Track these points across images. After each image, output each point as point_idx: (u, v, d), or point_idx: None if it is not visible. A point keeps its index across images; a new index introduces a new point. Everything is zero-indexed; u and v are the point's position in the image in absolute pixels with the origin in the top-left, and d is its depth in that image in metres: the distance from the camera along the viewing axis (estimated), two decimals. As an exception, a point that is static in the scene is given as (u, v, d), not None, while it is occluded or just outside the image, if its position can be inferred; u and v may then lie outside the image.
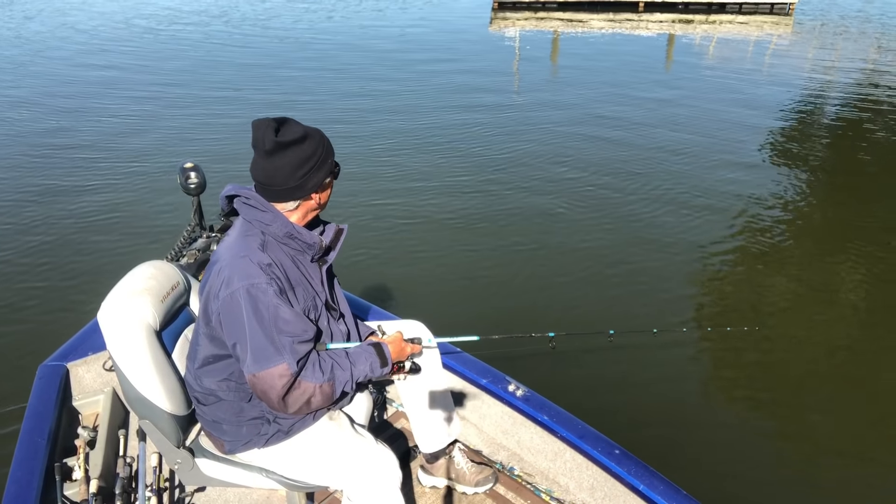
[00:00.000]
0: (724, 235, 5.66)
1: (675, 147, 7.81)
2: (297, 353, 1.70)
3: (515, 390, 2.41)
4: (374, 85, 10.59)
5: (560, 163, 7.31)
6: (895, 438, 3.53)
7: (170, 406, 1.91)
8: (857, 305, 4.70)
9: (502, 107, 9.54)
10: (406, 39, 14.76)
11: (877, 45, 14.88)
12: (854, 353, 4.19)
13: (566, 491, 2.37)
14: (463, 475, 2.38)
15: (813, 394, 3.85)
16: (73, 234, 5.59)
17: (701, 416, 3.66)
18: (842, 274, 5.10)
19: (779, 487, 3.24)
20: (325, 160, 1.76)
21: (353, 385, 1.82)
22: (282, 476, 1.98)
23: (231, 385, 1.85)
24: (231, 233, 1.83)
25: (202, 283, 1.82)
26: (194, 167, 2.83)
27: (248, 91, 10.26)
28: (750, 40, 15.27)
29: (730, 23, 17.53)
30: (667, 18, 17.90)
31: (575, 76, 11.59)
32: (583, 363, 3.85)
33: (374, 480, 1.87)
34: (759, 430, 3.58)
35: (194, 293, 2.16)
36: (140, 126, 8.43)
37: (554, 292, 4.77)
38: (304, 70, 11.70)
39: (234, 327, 1.69)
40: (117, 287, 1.95)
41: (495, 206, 6.21)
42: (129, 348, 1.87)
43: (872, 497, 3.22)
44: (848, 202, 6.51)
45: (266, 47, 13.90)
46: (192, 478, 2.05)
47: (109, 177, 6.76)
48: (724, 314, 4.52)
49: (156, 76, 11.12)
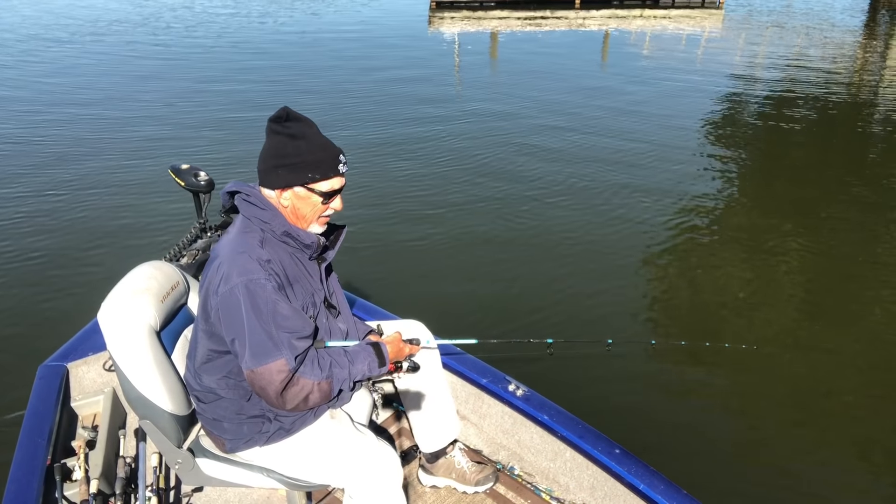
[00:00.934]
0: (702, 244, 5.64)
1: (617, 152, 7.80)
2: (296, 349, 1.70)
3: (515, 390, 2.41)
4: (304, 98, 9.74)
5: (514, 161, 7.35)
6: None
7: (170, 406, 1.91)
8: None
9: (456, 111, 9.40)
10: (346, 44, 14.14)
11: (800, 34, 15.50)
12: (846, 356, 4.18)
13: (566, 490, 2.37)
14: (463, 474, 2.38)
15: (813, 400, 3.83)
16: (73, 233, 5.58)
17: (702, 423, 3.62)
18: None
19: (779, 485, 3.24)
20: (300, 167, 1.73)
21: (350, 384, 1.82)
22: (282, 475, 1.98)
23: (230, 382, 1.85)
24: (230, 230, 1.84)
25: (201, 280, 1.82)
26: (193, 166, 2.83)
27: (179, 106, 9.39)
28: (683, 34, 15.75)
29: (664, 17, 18.05)
30: (603, 14, 18.27)
31: (515, 74, 11.53)
32: (580, 371, 3.81)
33: (376, 479, 1.87)
34: (758, 435, 3.57)
35: (194, 293, 2.16)
36: (136, 126, 8.44)
37: (552, 298, 4.72)
38: (247, 82, 10.68)
39: (232, 323, 1.69)
40: (117, 287, 1.95)
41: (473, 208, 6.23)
42: (129, 348, 1.87)
43: (873, 495, 3.22)
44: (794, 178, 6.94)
45: (194, 58, 12.81)
46: (193, 478, 2.05)
47: (109, 176, 6.77)
48: (722, 329, 4.41)
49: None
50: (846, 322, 4.50)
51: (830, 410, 3.69)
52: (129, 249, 5.27)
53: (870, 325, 4.46)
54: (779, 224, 5.89)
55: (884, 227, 5.93)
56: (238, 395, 1.87)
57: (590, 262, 5.21)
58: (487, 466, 2.43)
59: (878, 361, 4.05)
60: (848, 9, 19.75)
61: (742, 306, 4.63)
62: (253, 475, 2.00)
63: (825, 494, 3.22)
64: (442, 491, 2.42)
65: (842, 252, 5.38)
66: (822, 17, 18.52)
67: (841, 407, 3.73)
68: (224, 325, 1.71)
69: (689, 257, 5.33)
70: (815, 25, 17.14)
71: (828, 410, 3.69)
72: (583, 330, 4.24)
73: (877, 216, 6.08)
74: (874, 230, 5.85)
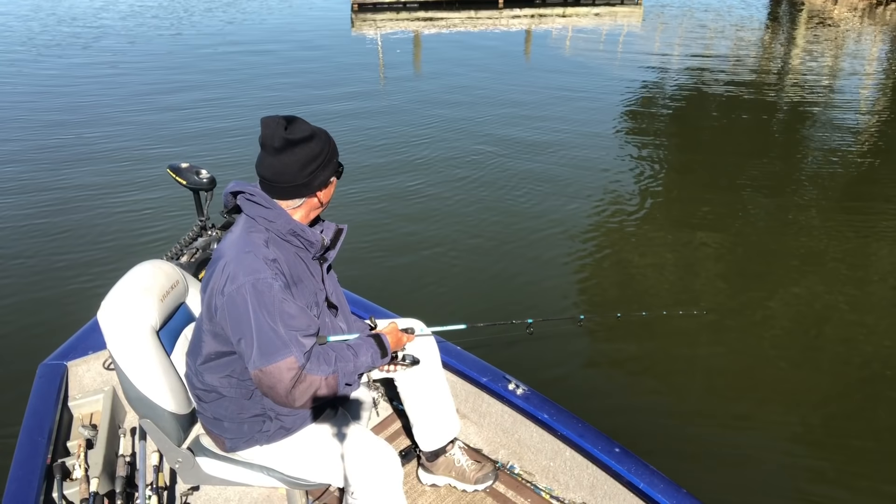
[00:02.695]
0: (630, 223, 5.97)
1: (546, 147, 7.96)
2: (304, 346, 1.71)
3: (515, 389, 2.41)
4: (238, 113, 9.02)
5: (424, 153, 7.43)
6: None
7: (171, 405, 1.91)
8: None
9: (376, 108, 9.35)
10: (266, 47, 13.47)
11: (714, 29, 16.14)
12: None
13: (566, 489, 2.38)
14: (463, 473, 2.39)
15: (754, 361, 4.02)
16: (73, 233, 5.58)
17: (668, 393, 3.84)
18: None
19: (777, 485, 3.25)
20: (331, 159, 1.79)
21: (355, 377, 1.85)
22: (283, 474, 1.98)
23: (233, 382, 1.85)
24: (234, 229, 1.83)
25: (204, 280, 1.82)
26: (193, 165, 2.83)
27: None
28: (603, 30, 16.12)
29: (585, 15, 18.35)
30: (526, 13, 18.41)
31: (438, 75, 11.52)
32: (557, 346, 4.17)
33: (376, 477, 1.87)
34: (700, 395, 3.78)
35: (193, 292, 2.16)
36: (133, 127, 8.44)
37: (526, 281, 4.97)
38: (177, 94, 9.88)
39: (239, 322, 1.68)
40: (117, 287, 1.94)
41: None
42: (129, 348, 1.87)
43: (874, 491, 3.23)
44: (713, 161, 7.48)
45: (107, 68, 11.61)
46: (193, 477, 2.05)
47: (109, 176, 6.77)
48: (675, 298, 4.81)
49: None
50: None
51: (771, 376, 3.98)
52: (129, 248, 5.26)
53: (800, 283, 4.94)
54: (712, 198, 6.37)
55: (794, 195, 6.59)
56: (240, 395, 1.87)
57: (551, 248, 5.44)
58: (487, 464, 2.43)
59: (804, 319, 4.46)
60: (753, 3, 20.72)
61: (690, 276, 5.10)
62: (253, 474, 2.00)
63: (826, 489, 3.23)
64: (442, 490, 2.42)
65: (760, 223, 5.97)
66: (731, 10, 19.27)
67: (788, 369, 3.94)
68: (230, 325, 1.71)
69: (625, 239, 5.72)
70: (725, 18, 18.02)
71: (770, 376, 3.98)
72: (557, 307, 4.60)
73: (786, 188, 6.75)
74: (787, 201, 6.41)
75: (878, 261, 5.33)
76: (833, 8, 19.00)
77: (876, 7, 19.15)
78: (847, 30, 16.63)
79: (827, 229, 5.80)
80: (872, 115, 9.46)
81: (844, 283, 4.92)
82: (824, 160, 7.55)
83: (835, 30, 16.60)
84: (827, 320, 4.50)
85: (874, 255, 5.41)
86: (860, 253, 5.40)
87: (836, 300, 4.70)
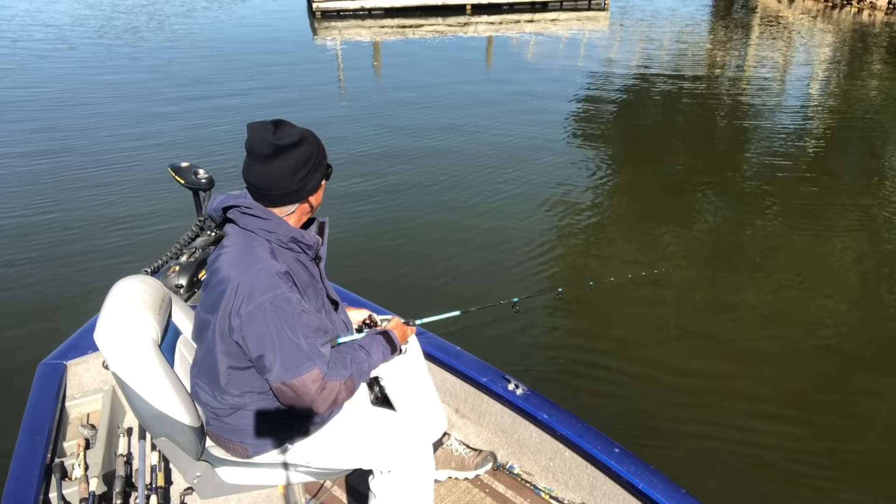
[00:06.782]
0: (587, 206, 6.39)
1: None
2: (325, 356, 1.71)
3: (515, 389, 2.41)
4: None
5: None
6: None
7: (187, 418, 1.82)
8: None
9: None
10: (226, 57, 12.87)
11: (678, 34, 16.35)
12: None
13: (566, 489, 2.38)
14: (462, 461, 2.41)
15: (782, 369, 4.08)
16: (72, 233, 5.58)
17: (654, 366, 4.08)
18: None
19: (778, 482, 3.25)
20: (321, 162, 1.77)
21: (369, 375, 1.88)
22: (309, 467, 1.94)
23: (254, 396, 1.81)
24: (229, 244, 1.76)
25: (208, 301, 1.74)
26: (193, 164, 2.83)
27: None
28: (567, 37, 16.16)
29: (552, 21, 18.22)
30: (494, 20, 18.21)
31: (402, 79, 11.51)
32: (544, 320, 4.60)
33: (415, 452, 1.89)
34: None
35: (175, 305, 2.05)
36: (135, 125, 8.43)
37: (506, 265, 5.25)
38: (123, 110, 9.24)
39: (260, 340, 1.65)
40: (109, 305, 1.78)
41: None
42: (138, 367, 1.75)
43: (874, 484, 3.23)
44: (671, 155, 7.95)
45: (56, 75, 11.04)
46: (214, 489, 1.97)
47: (108, 175, 6.77)
48: (638, 262, 5.28)
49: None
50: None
51: (736, 335, 4.38)
52: (129, 248, 5.27)
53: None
54: (663, 183, 6.87)
55: (753, 180, 7.10)
56: (265, 404, 1.82)
57: (524, 233, 5.75)
58: (485, 451, 2.45)
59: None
60: (706, 6, 21.24)
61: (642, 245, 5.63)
62: (276, 473, 1.95)
63: (826, 487, 3.22)
64: (443, 487, 2.42)
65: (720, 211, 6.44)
66: (690, 14, 19.48)
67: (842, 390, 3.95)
68: (250, 344, 1.66)
69: (587, 217, 6.18)
70: (684, 21, 18.34)
71: (733, 336, 4.38)
72: (538, 285, 4.99)
73: (736, 175, 7.28)
74: (744, 187, 6.92)
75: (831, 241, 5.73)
76: (787, 12, 19.20)
77: (832, 10, 19.34)
78: (798, 32, 16.79)
79: (784, 203, 6.38)
80: (821, 115, 9.75)
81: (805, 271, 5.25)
82: (776, 153, 7.95)
83: (789, 31, 16.77)
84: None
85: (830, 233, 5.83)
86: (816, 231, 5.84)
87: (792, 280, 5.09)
